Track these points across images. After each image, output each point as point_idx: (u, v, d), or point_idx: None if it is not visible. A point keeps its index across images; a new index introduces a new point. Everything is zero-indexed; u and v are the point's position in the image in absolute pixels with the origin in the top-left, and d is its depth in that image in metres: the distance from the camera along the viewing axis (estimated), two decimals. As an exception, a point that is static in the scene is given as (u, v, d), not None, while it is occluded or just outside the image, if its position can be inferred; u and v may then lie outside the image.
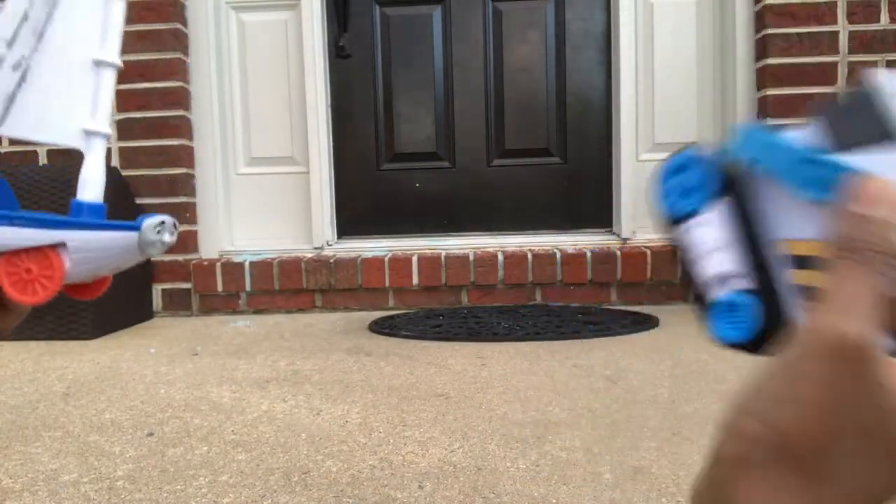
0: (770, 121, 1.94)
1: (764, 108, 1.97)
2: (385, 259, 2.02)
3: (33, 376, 1.35)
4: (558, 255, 1.99)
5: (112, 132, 0.29)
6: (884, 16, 1.91)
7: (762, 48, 1.96)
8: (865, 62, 1.92)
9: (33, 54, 0.29)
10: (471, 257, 2.01)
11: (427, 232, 2.21)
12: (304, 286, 2.02)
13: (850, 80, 1.93)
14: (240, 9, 2.18)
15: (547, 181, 2.21)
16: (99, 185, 0.31)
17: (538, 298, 2.03)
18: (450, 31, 2.20)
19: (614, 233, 2.16)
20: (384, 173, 2.25)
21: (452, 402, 1.11)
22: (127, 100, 2.00)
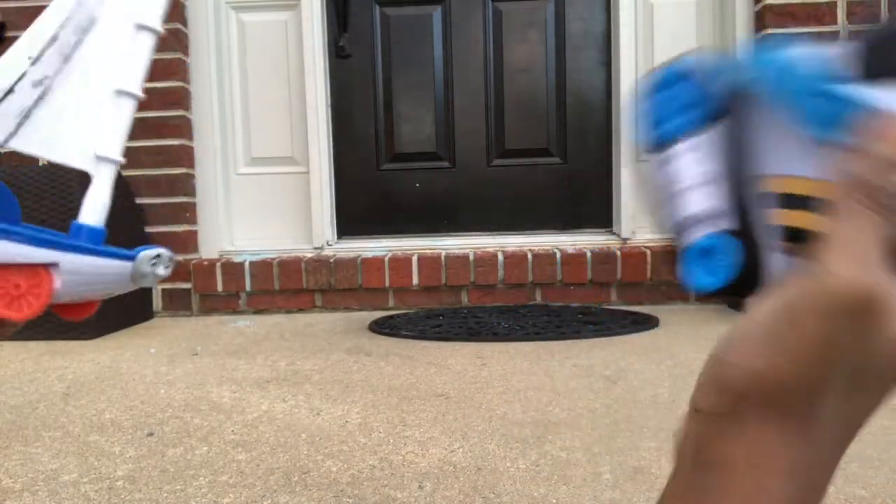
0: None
1: (764, 108, 1.97)
2: (385, 259, 2.02)
3: (33, 376, 1.35)
4: (558, 255, 1.99)
5: (123, 160, 0.30)
6: (884, 16, 1.91)
7: (762, 48, 1.96)
8: (865, 62, 1.92)
9: (57, 75, 0.30)
10: (471, 257, 2.01)
11: (427, 232, 2.21)
12: (304, 286, 2.02)
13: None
14: (240, 9, 2.18)
15: (547, 181, 2.21)
16: (102, 211, 0.31)
17: (538, 298, 2.03)
18: (450, 31, 2.20)
19: (614, 233, 2.16)
20: (384, 173, 2.25)
21: (452, 402, 1.11)
22: (127, 100, 2.00)
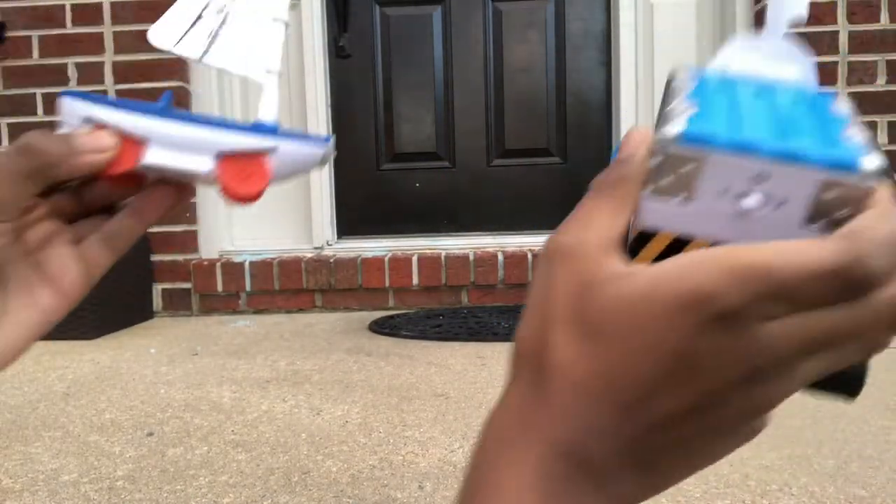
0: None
1: (764, 108, 1.97)
2: (385, 259, 2.02)
3: (33, 376, 1.35)
4: (558, 255, 1.99)
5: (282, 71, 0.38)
6: (884, 16, 1.91)
7: (762, 48, 1.96)
8: (865, 62, 1.92)
9: (232, 3, 0.38)
10: (471, 257, 2.01)
11: (427, 232, 2.21)
12: (304, 286, 2.02)
13: (850, 79, 1.93)
14: (240, 9, 2.18)
15: (547, 181, 2.21)
16: (275, 110, 0.38)
17: (538, 298, 2.02)
18: (450, 31, 2.20)
19: (614, 233, 2.16)
20: (384, 173, 2.25)
21: (452, 402, 1.11)
22: (127, 100, 2.00)
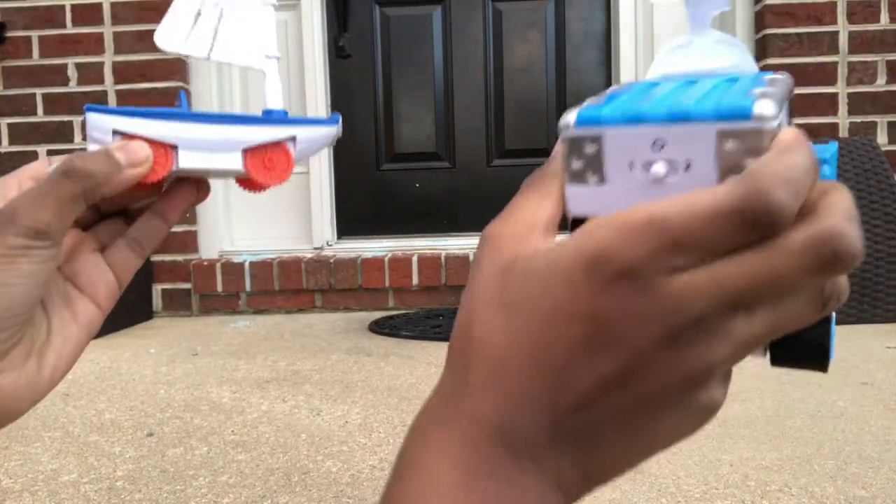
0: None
1: (764, 108, 1.97)
2: (385, 259, 2.02)
3: (33, 376, 1.35)
4: (558, 255, 1.99)
5: (280, 55, 0.38)
6: (884, 16, 1.91)
7: (762, 48, 1.96)
8: (865, 62, 1.92)
9: None
10: (471, 257, 2.01)
11: (427, 232, 2.21)
12: (304, 286, 2.02)
13: (850, 79, 1.93)
14: (240, 9, 2.18)
15: (547, 181, 2.21)
16: (280, 96, 0.39)
17: (538, 298, 2.02)
18: (450, 31, 2.20)
19: (614, 233, 2.16)
20: (384, 173, 2.25)
21: (452, 402, 1.11)
22: (127, 100, 2.00)
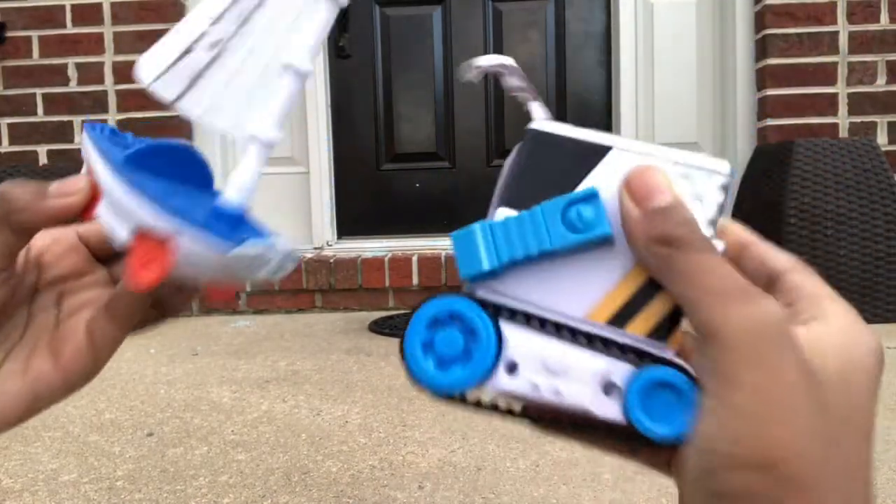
0: (769, 121, 1.94)
1: (763, 109, 1.97)
2: (385, 259, 2.02)
3: (33, 376, 1.35)
4: (558, 255, 1.99)
5: (280, 135, 0.26)
6: (884, 16, 1.91)
7: (762, 48, 1.96)
8: (865, 62, 1.92)
9: (231, 39, 0.27)
10: (471, 257, 2.00)
11: (427, 232, 2.21)
12: (304, 286, 2.02)
13: (850, 79, 1.93)
14: (240, 9, 2.18)
15: (547, 181, 2.21)
16: (250, 190, 0.27)
17: (538, 298, 2.02)
18: (450, 31, 2.20)
19: (614, 233, 2.16)
20: (384, 173, 2.25)
21: (452, 402, 1.11)
22: (127, 100, 2.00)
